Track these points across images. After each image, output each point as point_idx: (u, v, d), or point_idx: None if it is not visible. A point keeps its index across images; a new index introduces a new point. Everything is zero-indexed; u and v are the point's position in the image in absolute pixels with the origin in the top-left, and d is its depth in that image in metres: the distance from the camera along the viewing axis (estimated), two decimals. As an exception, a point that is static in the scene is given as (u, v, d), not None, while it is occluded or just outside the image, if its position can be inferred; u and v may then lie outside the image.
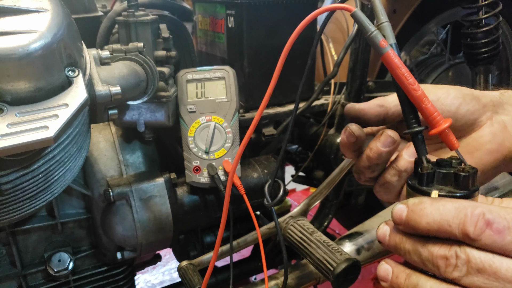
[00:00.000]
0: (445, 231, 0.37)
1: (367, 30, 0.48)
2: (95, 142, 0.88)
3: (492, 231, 0.35)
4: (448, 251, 0.37)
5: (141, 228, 0.84)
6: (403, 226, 0.40)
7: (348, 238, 0.97)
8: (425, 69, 1.57)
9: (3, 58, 0.49)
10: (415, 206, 0.39)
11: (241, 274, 1.10)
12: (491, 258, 0.35)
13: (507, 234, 0.35)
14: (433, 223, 0.37)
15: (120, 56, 0.77)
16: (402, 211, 0.40)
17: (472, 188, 0.41)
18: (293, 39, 0.51)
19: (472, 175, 0.41)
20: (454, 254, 0.36)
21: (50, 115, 0.51)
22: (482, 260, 0.35)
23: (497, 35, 1.35)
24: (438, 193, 0.41)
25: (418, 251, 0.39)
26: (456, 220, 0.36)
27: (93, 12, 1.00)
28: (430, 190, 0.41)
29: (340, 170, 1.01)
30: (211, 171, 0.84)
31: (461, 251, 0.36)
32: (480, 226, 0.35)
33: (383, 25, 0.48)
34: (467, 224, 0.36)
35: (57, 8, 0.56)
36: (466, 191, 0.40)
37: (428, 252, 0.38)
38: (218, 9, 1.05)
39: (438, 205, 0.38)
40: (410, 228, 0.40)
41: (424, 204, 0.39)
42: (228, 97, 0.86)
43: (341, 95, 1.13)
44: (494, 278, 0.35)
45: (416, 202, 0.39)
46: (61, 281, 0.86)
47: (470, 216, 0.36)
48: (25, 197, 0.60)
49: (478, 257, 0.35)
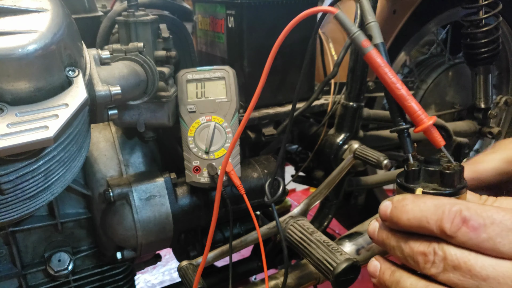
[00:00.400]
0: (424, 227, 0.37)
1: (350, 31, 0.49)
2: (95, 142, 0.88)
3: (468, 228, 0.35)
4: (427, 247, 0.37)
5: (141, 228, 0.84)
6: (388, 222, 0.41)
7: (348, 238, 0.97)
8: (425, 69, 1.57)
9: (3, 58, 0.49)
10: (398, 202, 0.40)
11: (241, 274, 1.10)
12: (467, 255, 0.36)
13: (482, 232, 0.35)
14: (413, 219, 0.38)
15: (120, 56, 0.77)
16: (387, 208, 0.41)
17: (458, 186, 0.41)
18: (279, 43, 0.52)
19: (458, 173, 0.41)
20: (432, 250, 0.37)
21: (50, 115, 0.52)
22: (458, 257, 0.36)
23: (497, 35, 1.35)
24: (422, 190, 0.41)
25: (401, 247, 0.39)
26: (434, 216, 0.37)
27: (93, 12, 1.00)
28: (415, 187, 0.42)
29: (340, 170, 1.02)
30: (211, 171, 0.84)
31: (439, 248, 0.37)
32: (456, 223, 0.36)
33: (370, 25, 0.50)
34: (444, 221, 0.36)
35: (57, 8, 0.56)
36: (452, 188, 0.40)
37: (409, 248, 0.39)
38: (218, 9, 1.05)
39: (419, 202, 0.38)
40: (394, 224, 0.40)
41: (406, 200, 0.39)
42: (228, 97, 0.86)
43: (341, 95, 1.13)
44: (469, 276, 0.35)
45: (400, 198, 0.40)
46: (61, 281, 0.86)
47: (447, 213, 0.36)
48: (25, 197, 0.60)
49: (454, 254, 0.36)
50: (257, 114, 1.01)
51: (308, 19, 1.12)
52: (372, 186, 1.31)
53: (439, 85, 1.54)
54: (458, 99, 1.60)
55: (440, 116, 1.52)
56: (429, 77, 1.53)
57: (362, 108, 1.10)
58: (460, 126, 1.48)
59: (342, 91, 1.13)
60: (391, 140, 1.29)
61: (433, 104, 1.55)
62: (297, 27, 0.52)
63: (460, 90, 1.59)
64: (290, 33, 0.52)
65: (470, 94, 1.54)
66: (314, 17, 1.08)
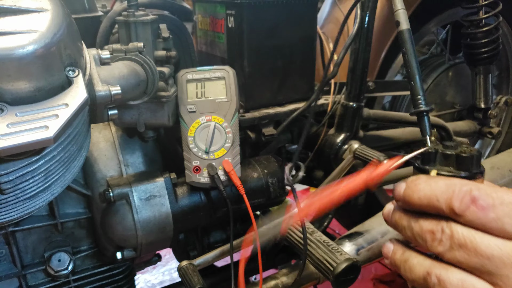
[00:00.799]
0: (434, 206, 0.38)
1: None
2: (95, 142, 0.88)
3: (476, 207, 0.36)
4: (436, 226, 0.38)
5: (141, 228, 0.84)
6: (401, 202, 0.42)
7: (348, 238, 0.97)
8: (425, 69, 1.57)
9: (3, 58, 0.49)
10: (411, 182, 0.40)
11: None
12: (473, 234, 0.36)
13: (491, 211, 0.35)
14: (424, 197, 0.39)
15: (120, 56, 0.77)
16: (401, 188, 0.41)
17: (474, 171, 0.41)
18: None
19: (474, 157, 0.41)
20: (440, 229, 0.37)
21: (50, 115, 0.51)
22: (464, 235, 0.36)
23: (497, 35, 1.35)
24: (436, 172, 0.41)
25: (411, 226, 0.40)
26: (444, 195, 0.37)
27: (93, 12, 1.01)
28: (430, 169, 0.42)
29: (340, 170, 1.02)
30: (211, 171, 0.84)
31: (447, 226, 0.37)
32: (466, 202, 0.36)
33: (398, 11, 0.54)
34: (453, 199, 0.36)
35: (57, 8, 0.56)
36: (467, 172, 0.40)
37: (419, 226, 0.39)
38: (218, 9, 1.05)
39: (430, 181, 0.39)
40: (406, 204, 0.41)
41: (419, 180, 0.40)
42: (228, 97, 0.86)
43: (341, 95, 1.13)
44: (474, 254, 0.36)
45: (413, 179, 0.41)
46: (61, 281, 0.86)
47: (457, 192, 0.37)
48: (25, 196, 0.60)
49: (461, 232, 0.36)
50: (257, 114, 1.01)
51: (308, 19, 1.12)
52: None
53: (439, 85, 1.54)
54: (458, 99, 1.60)
55: (440, 116, 1.52)
56: (429, 77, 1.53)
57: (362, 108, 1.11)
58: (460, 126, 1.48)
59: (342, 91, 1.13)
60: (391, 140, 1.30)
61: (433, 104, 1.56)
62: (297, 27, 0.52)
63: (460, 90, 1.59)
64: (290, 34, 0.52)
65: (470, 94, 1.54)
66: (314, 17, 1.08)
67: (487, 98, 1.49)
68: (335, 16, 1.35)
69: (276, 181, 0.96)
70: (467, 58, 1.44)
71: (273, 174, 0.96)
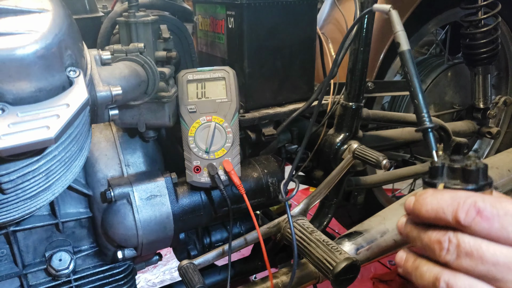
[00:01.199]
0: (441, 218, 0.40)
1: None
2: (96, 142, 0.89)
3: (481, 218, 0.37)
4: (443, 236, 0.40)
5: (142, 227, 0.85)
6: (411, 215, 0.44)
7: (348, 237, 0.97)
8: (424, 70, 1.57)
9: (5, 59, 0.50)
10: (419, 196, 0.42)
11: (241, 274, 1.11)
12: (479, 243, 0.38)
13: (496, 221, 0.37)
14: (431, 210, 0.40)
15: (121, 56, 0.77)
16: (411, 202, 0.43)
17: (481, 183, 0.42)
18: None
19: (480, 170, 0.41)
20: (447, 239, 0.39)
21: (51, 115, 0.52)
22: (470, 244, 0.38)
23: (496, 36, 1.36)
24: (444, 186, 0.43)
25: (421, 237, 0.42)
26: (451, 207, 0.39)
27: (94, 13, 1.01)
28: (438, 183, 0.43)
29: (340, 169, 1.02)
30: (211, 171, 0.85)
31: (454, 236, 0.39)
32: (471, 214, 0.38)
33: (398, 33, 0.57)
34: (459, 211, 0.38)
35: (58, 8, 0.57)
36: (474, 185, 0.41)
37: (427, 237, 0.41)
38: (218, 9, 1.05)
39: (437, 195, 0.41)
40: (415, 217, 0.43)
41: (426, 194, 0.42)
42: (228, 97, 0.87)
43: (341, 95, 1.13)
44: (480, 262, 0.37)
45: (421, 193, 0.42)
46: (62, 280, 0.86)
47: (462, 204, 0.38)
48: (26, 196, 0.61)
49: (467, 241, 0.38)
50: (257, 114, 1.02)
51: (308, 20, 1.12)
52: (372, 186, 1.31)
53: (438, 85, 1.55)
54: (457, 99, 1.60)
55: (439, 116, 1.52)
56: (429, 77, 1.53)
57: (361, 108, 1.11)
58: (459, 126, 1.48)
59: (341, 91, 1.14)
60: (390, 140, 1.30)
61: (432, 104, 1.56)
62: (297, 28, 0.53)
63: (459, 90, 1.60)
64: (290, 34, 0.53)
65: (469, 94, 1.55)
66: (314, 18, 1.08)
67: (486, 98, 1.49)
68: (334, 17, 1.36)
69: (276, 181, 0.96)
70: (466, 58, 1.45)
71: (273, 174, 0.96)
